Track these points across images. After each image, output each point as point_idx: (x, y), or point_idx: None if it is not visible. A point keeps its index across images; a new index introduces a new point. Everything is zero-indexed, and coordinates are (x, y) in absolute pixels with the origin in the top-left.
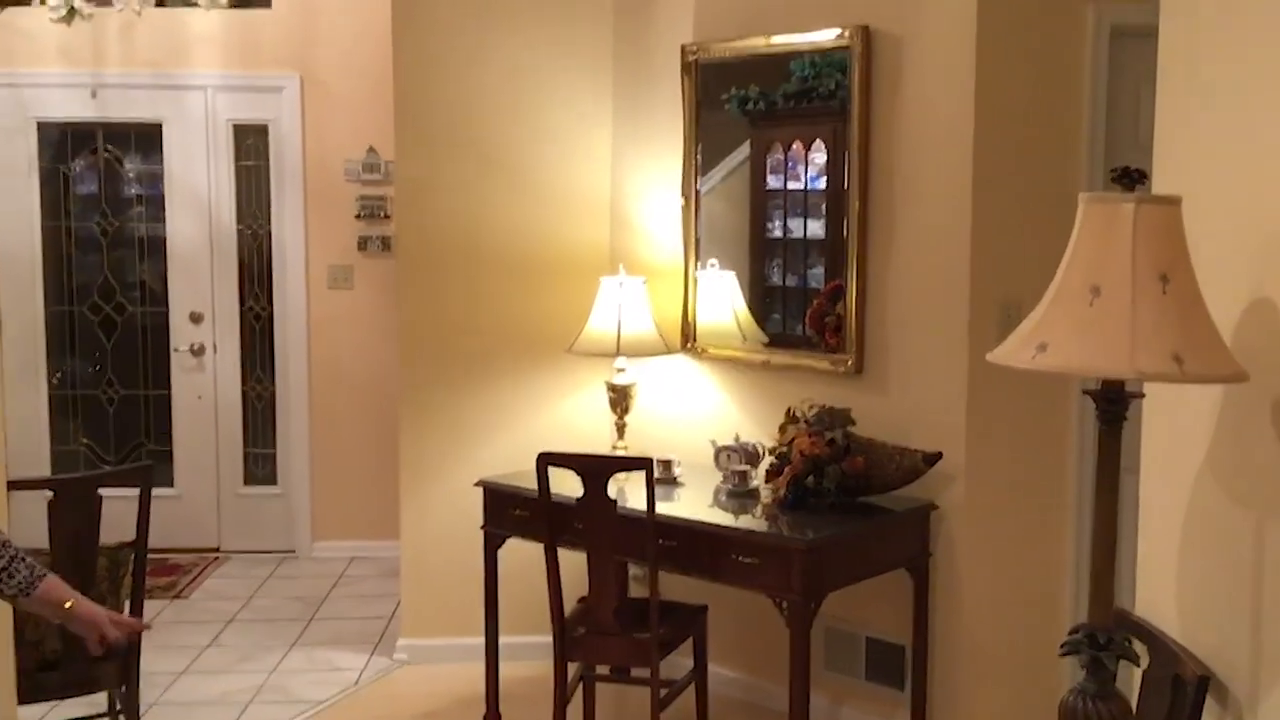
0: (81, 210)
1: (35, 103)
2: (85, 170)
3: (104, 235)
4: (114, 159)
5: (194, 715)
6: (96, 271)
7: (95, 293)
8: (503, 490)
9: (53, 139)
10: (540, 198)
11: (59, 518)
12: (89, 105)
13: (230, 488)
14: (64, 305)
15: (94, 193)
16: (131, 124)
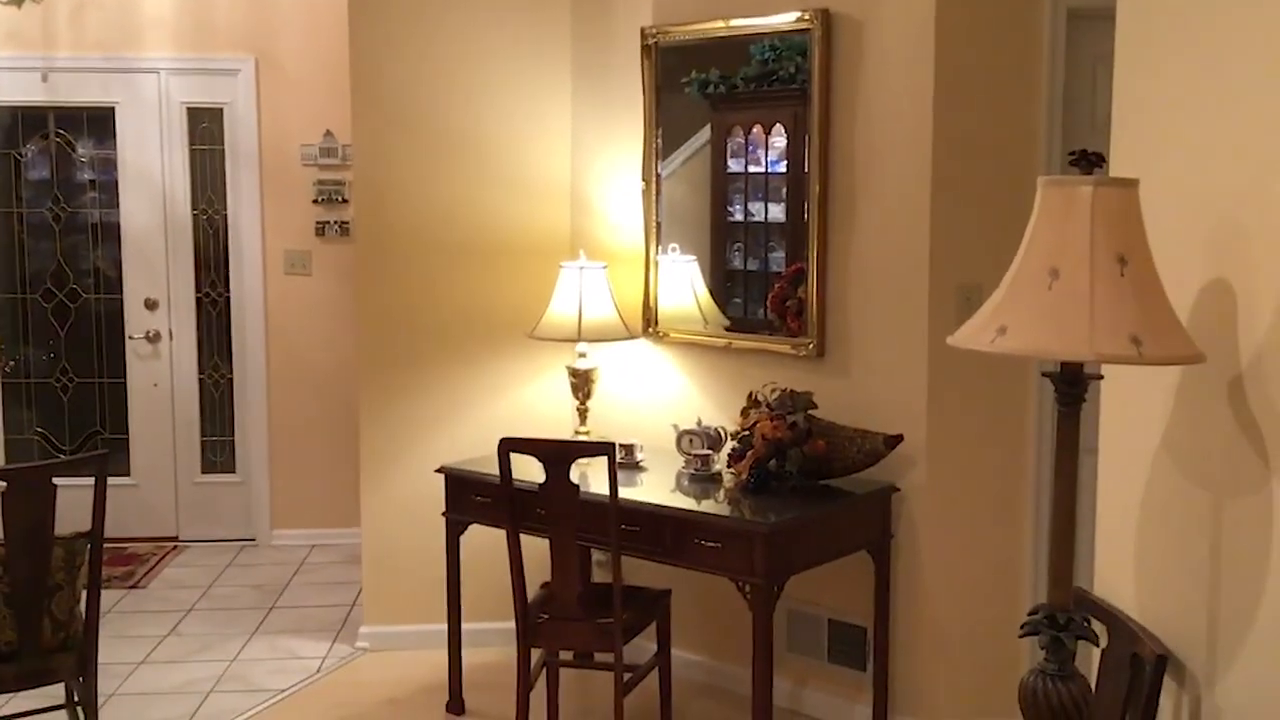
0: (33, 196)
1: None
2: (37, 155)
3: (56, 221)
4: (66, 143)
5: (153, 705)
6: (49, 258)
7: (48, 280)
8: (464, 476)
9: (3, 123)
10: (500, 182)
11: (13, 508)
12: (40, 89)
13: (188, 476)
14: (16, 293)
15: (46, 178)
16: (83, 107)
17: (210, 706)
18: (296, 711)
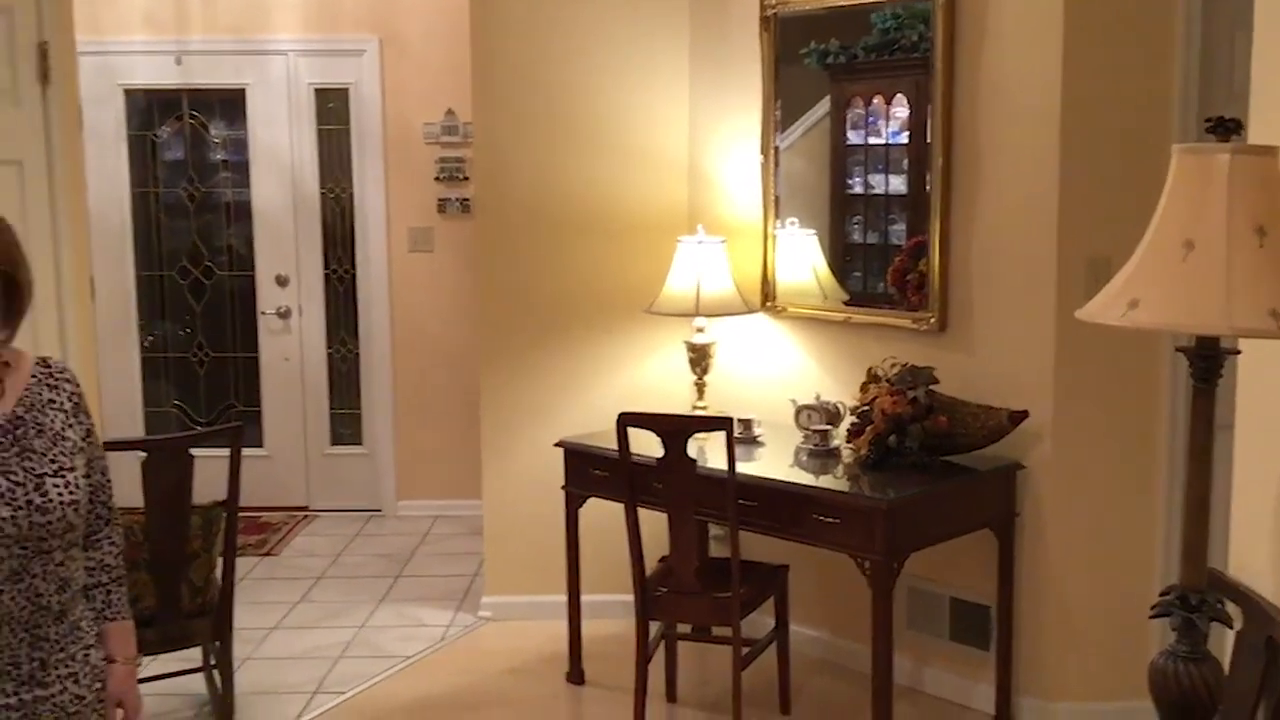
0: (169, 176)
1: (122, 70)
2: (172, 137)
3: (191, 201)
4: (199, 125)
5: (286, 669)
6: (185, 236)
7: (184, 257)
8: (583, 450)
9: (140, 106)
10: (618, 157)
11: (153, 478)
12: (174, 72)
13: (317, 448)
14: (154, 270)
15: (180, 159)
16: (215, 90)
17: (340, 671)
18: (423, 677)
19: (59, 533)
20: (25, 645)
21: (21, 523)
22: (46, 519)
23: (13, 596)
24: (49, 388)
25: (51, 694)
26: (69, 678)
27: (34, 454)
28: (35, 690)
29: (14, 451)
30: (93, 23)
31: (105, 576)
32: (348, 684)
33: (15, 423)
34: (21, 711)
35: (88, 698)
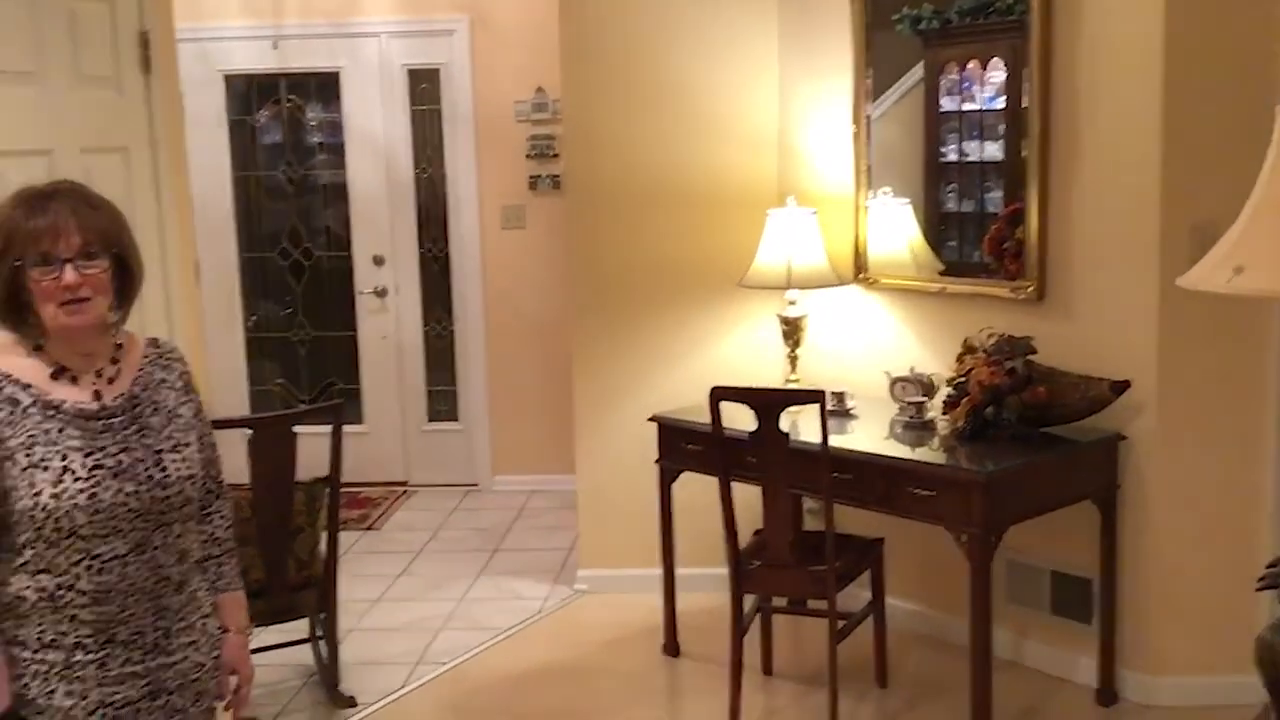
0: (268, 159)
1: (221, 56)
2: (270, 120)
3: (290, 183)
4: (296, 108)
5: (389, 640)
6: (284, 218)
7: (284, 239)
8: (676, 425)
9: (239, 91)
10: (707, 131)
11: (258, 454)
12: (271, 56)
13: (415, 424)
14: (256, 252)
15: (279, 142)
16: (311, 73)
17: (441, 642)
18: (521, 649)
19: (178, 506)
20: (150, 615)
21: (144, 497)
22: (166, 493)
23: (137, 568)
24: (161, 367)
25: (174, 661)
26: (189, 646)
27: (152, 431)
28: (160, 658)
29: (134, 429)
30: (192, 9)
31: (217, 549)
32: (448, 655)
33: (133, 401)
34: (147, 679)
35: (207, 665)
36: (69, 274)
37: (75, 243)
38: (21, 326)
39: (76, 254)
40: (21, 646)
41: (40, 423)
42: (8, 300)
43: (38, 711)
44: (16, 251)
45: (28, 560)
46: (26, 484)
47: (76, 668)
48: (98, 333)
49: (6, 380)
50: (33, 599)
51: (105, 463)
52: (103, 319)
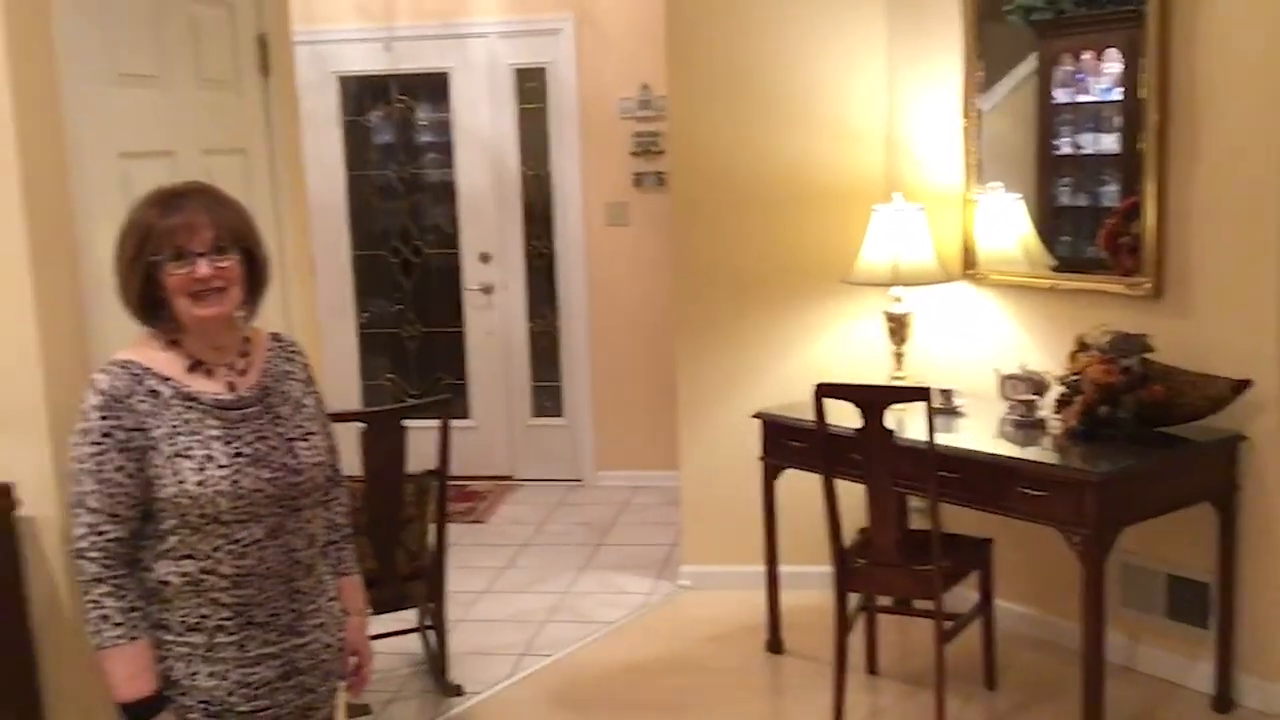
0: (380, 159)
1: (335, 58)
2: (382, 121)
3: (401, 182)
4: (407, 108)
5: (496, 631)
6: (395, 217)
7: (395, 237)
8: (779, 421)
9: (352, 91)
10: (813, 126)
11: (370, 447)
12: (383, 58)
13: (520, 419)
14: (368, 249)
15: (390, 142)
16: (421, 74)
17: (546, 635)
18: (625, 643)
19: (308, 492)
20: (283, 598)
21: (279, 484)
22: (298, 480)
23: (273, 552)
24: (285, 360)
25: (306, 642)
26: (319, 627)
27: (282, 420)
28: (293, 639)
29: (267, 419)
30: (307, 13)
31: (337, 535)
32: (553, 647)
33: (264, 392)
34: (282, 659)
35: (333, 645)
36: (202, 267)
37: (208, 237)
38: (157, 322)
39: (209, 249)
40: (166, 630)
41: (181, 413)
42: (143, 297)
43: (181, 693)
44: (152, 248)
45: (172, 546)
46: (171, 472)
47: (218, 649)
48: (228, 327)
49: (147, 373)
50: (177, 584)
51: (244, 451)
52: (233, 312)
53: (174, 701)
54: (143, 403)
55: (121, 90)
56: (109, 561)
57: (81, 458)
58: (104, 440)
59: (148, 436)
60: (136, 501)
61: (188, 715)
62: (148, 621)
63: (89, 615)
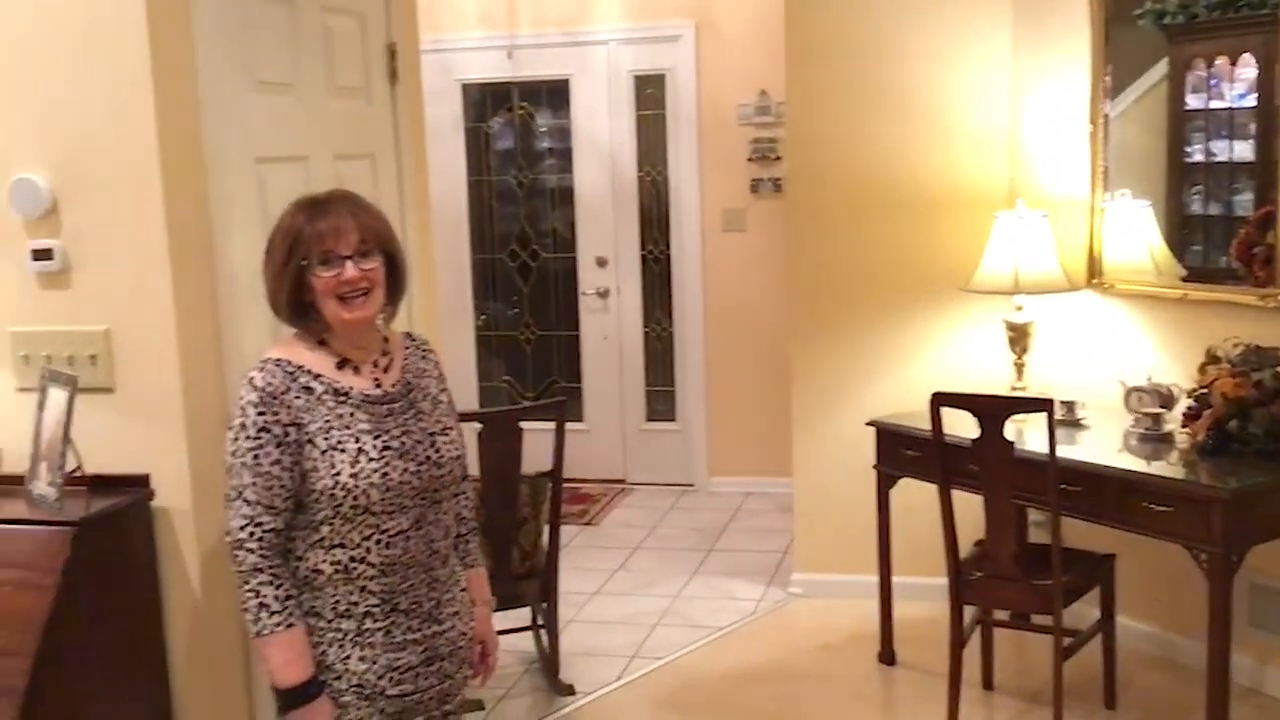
0: (499, 164)
1: (459, 66)
2: (503, 127)
3: (520, 187)
4: (527, 115)
5: (606, 633)
6: (514, 221)
7: (513, 241)
8: (895, 430)
9: (474, 99)
10: (933, 132)
11: (487, 448)
12: (505, 65)
13: (634, 423)
14: (486, 253)
15: (510, 148)
16: (542, 81)
17: (656, 638)
18: (735, 649)
19: (448, 485)
20: (424, 586)
21: (423, 476)
22: (440, 472)
23: (416, 542)
24: (420, 358)
25: (445, 629)
26: (455, 615)
27: (424, 416)
28: (433, 626)
29: (411, 414)
30: (432, 22)
31: (464, 528)
32: (663, 651)
33: (407, 388)
34: (424, 645)
35: (467, 634)
36: (349, 269)
37: (353, 240)
38: (305, 323)
39: (354, 251)
40: (318, 616)
41: (334, 408)
42: (293, 300)
43: (336, 676)
44: (301, 253)
45: (324, 536)
46: (326, 465)
47: (366, 635)
48: (370, 327)
49: (300, 371)
50: (328, 572)
51: (392, 444)
52: (377, 315)
53: (328, 685)
54: (297, 399)
55: (258, 97)
56: (266, 552)
57: (239, 452)
58: (261, 435)
59: (303, 431)
60: (291, 494)
61: (341, 698)
62: (301, 609)
63: (247, 604)
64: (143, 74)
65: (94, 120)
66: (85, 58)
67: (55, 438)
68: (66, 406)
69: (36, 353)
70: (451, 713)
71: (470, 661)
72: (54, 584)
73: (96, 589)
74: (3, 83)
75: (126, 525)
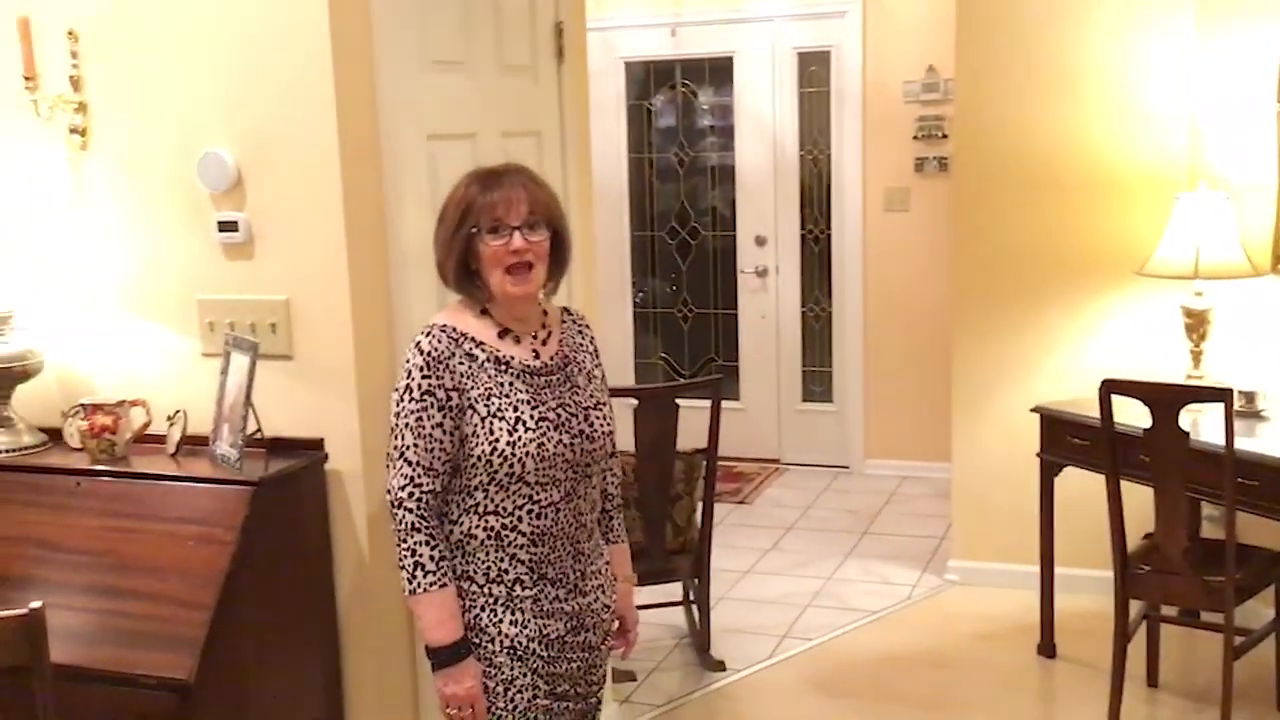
0: (661, 142)
1: (623, 44)
2: (665, 105)
3: (681, 165)
4: (690, 93)
5: (757, 611)
6: (674, 199)
7: (672, 219)
8: (1061, 417)
9: (637, 77)
10: (1109, 109)
11: (643, 423)
12: (669, 43)
13: (789, 403)
14: (645, 230)
15: (672, 125)
16: (706, 59)
17: (807, 618)
18: (889, 634)
19: (599, 459)
20: (570, 557)
21: (576, 449)
22: (593, 446)
23: (565, 514)
24: (577, 333)
25: (589, 602)
26: (598, 588)
27: (579, 389)
28: (578, 598)
29: (567, 387)
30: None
31: (609, 504)
32: (815, 632)
33: (564, 361)
34: (570, 616)
35: (610, 607)
36: (517, 239)
37: (523, 211)
38: (469, 291)
39: (523, 222)
40: (470, 580)
41: (494, 376)
42: (460, 267)
43: (489, 639)
44: (472, 221)
45: (478, 501)
46: (485, 432)
47: (516, 601)
48: (532, 300)
49: (464, 338)
50: (481, 537)
51: (548, 415)
52: (539, 289)
53: (480, 647)
54: (461, 365)
55: (431, 76)
56: (424, 512)
57: (403, 413)
58: (425, 398)
59: (464, 397)
60: (450, 457)
61: (494, 659)
62: (454, 572)
63: (404, 562)
64: (323, 54)
65: (277, 98)
66: (269, 38)
67: (237, 401)
68: (248, 372)
69: (221, 320)
70: (595, 683)
71: (611, 635)
72: (233, 539)
73: (272, 545)
74: (193, 62)
75: (301, 486)
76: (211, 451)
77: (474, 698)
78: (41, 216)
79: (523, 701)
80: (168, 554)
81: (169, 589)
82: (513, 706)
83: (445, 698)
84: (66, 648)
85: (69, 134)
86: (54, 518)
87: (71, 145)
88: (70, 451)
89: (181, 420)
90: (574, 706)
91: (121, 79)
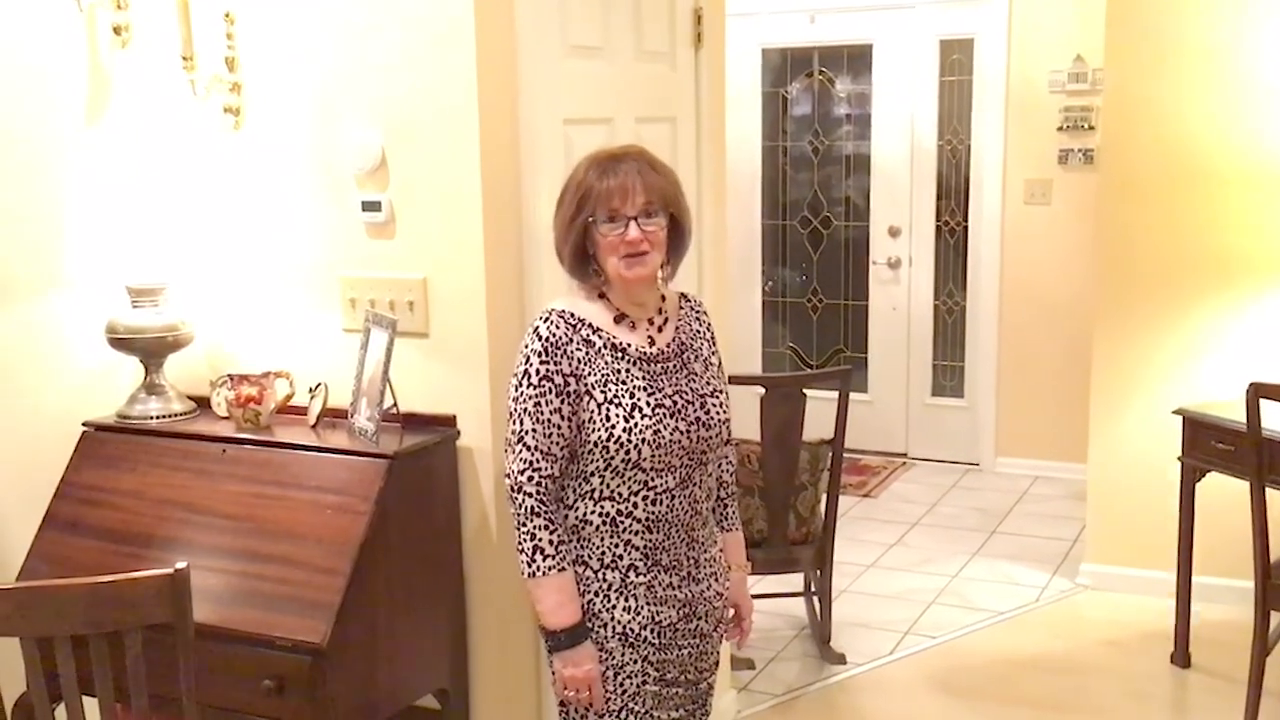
0: (795, 130)
1: (761, 30)
2: (801, 92)
3: (815, 154)
4: (827, 80)
5: (879, 606)
6: (807, 188)
7: (805, 207)
8: (1205, 421)
9: (774, 64)
10: (1268, 101)
11: (769, 412)
12: (807, 31)
13: (919, 397)
14: (777, 219)
15: (808, 113)
16: (844, 46)
17: (931, 616)
18: (1015, 635)
19: (715, 446)
20: (684, 545)
21: (693, 436)
22: (709, 434)
23: (680, 501)
24: (694, 319)
25: (702, 589)
26: (711, 576)
27: (695, 376)
28: (691, 585)
29: (683, 374)
30: None
31: (723, 491)
32: (938, 630)
33: (680, 348)
34: (683, 603)
35: (723, 594)
36: (632, 230)
37: (639, 201)
38: (586, 276)
39: (639, 212)
40: (585, 565)
41: (611, 362)
42: (576, 253)
43: (602, 624)
44: (589, 209)
45: (594, 487)
46: (602, 418)
47: (630, 587)
48: (649, 285)
49: (582, 324)
50: (596, 523)
51: (664, 402)
52: (656, 273)
53: (594, 632)
54: (578, 350)
55: (570, 61)
56: (543, 496)
57: (521, 399)
58: (544, 384)
59: (582, 383)
60: (568, 443)
61: (606, 644)
62: (571, 556)
63: (523, 546)
64: (467, 39)
65: (421, 82)
66: (416, 25)
67: (375, 376)
68: (387, 348)
69: (362, 297)
70: (706, 670)
71: (724, 623)
72: (369, 510)
73: (404, 517)
74: (342, 46)
75: (434, 461)
76: (350, 424)
77: (591, 680)
78: (195, 193)
79: (631, 687)
80: (306, 521)
81: (306, 555)
82: (621, 691)
83: (563, 680)
84: (208, 608)
85: (223, 113)
86: (200, 482)
87: (225, 124)
88: (217, 420)
89: (323, 393)
90: (683, 693)
91: (274, 61)
